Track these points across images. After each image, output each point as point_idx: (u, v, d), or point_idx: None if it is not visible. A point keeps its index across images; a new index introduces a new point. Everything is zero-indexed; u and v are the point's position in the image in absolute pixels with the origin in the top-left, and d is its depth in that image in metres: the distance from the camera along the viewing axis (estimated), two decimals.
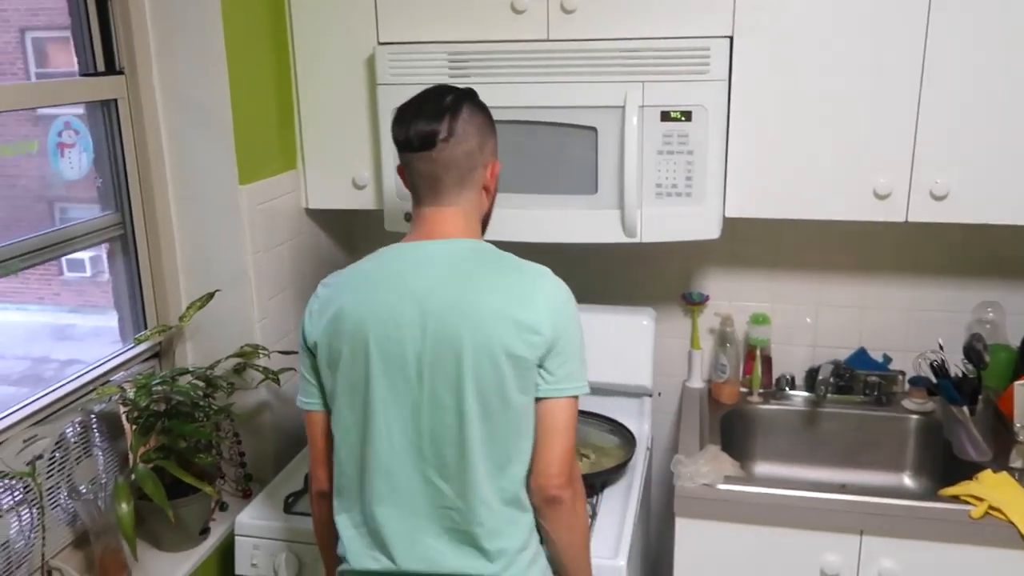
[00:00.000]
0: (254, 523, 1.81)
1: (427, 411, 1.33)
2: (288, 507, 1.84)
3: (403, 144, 1.38)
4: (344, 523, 1.41)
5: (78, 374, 1.78)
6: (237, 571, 1.81)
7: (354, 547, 1.40)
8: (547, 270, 1.40)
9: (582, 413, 1.98)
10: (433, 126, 1.35)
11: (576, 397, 1.37)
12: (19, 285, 1.79)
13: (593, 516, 1.79)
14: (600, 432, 2.10)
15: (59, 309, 2.66)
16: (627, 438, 2.05)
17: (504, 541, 1.35)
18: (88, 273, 2.08)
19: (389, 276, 1.37)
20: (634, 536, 1.76)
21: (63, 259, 1.96)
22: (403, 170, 1.43)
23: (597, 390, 1.97)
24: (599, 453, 2.02)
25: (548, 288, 1.37)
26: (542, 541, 1.43)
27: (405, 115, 1.39)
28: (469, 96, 1.44)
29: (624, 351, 2.14)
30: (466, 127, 1.37)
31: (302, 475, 1.93)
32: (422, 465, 1.35)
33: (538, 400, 1.35)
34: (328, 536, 1.48)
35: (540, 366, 1.33)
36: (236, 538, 1.81)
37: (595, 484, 1.88)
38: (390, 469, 1.35)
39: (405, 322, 1.32)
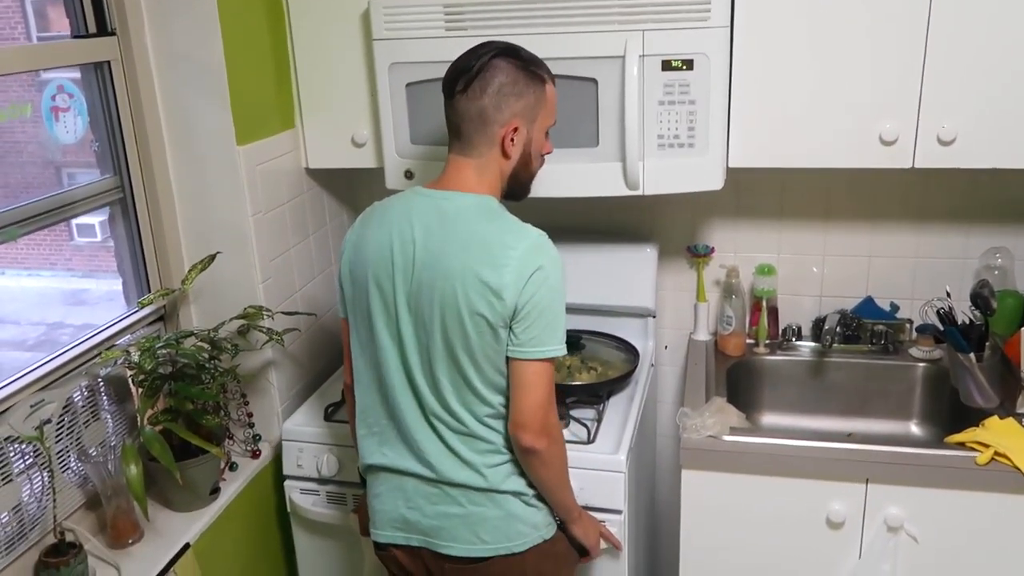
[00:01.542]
0: (299, 429, 2.00)
1: (408, 344, 1.49)
2: (328, 416, 2.03)
3: (442, 88, 1.51)
4: (361, 426, 1.60)
5: (83, 339, 1.79)
6: (285, 471, 2.01)
7: (366, 445, 1.59)
8: (537, 236, 1.47)
9: (592, 333, 2.26)
10: (457, 77, 1.48)
11: (544, 360, 1.45)
12: (30, 251, 1.79)
13: (599, 420, 1.94)
14: (607, 348, 2.24)
15: (71, 274, 2.67)
16: (632, 353, 2.18)
17: (482, 457, 1.51)
18: (99, 238, 2.08)
19: (398, 220, 1.50)
20: (635, 438, 1.91)
21: (73, 224, 1.96)
22: None
23: (605, 312, 2.28)
24: (605, 366, 2.14)
25: (524, 254, 1.42)
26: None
27: (453, 63, 1.51)
28: (504, 53, 1.49)
29: (629, 277, 2.25)
30: (483, 84, 1.46)
31: (339, 389, 2.11)
32: (412, 393, 1.52)
33: (508, 357, 1.46)
34: (356, 423, 1.64)
35: (509, 327, 1.44)
36: (283, 443, 2.00)
37: (601, 393, 2.03)
38: (392, 385, 1.52)
39: (397, 265, 1.47)
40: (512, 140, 1.49)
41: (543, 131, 1.56)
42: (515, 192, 1.59)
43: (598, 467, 1.81)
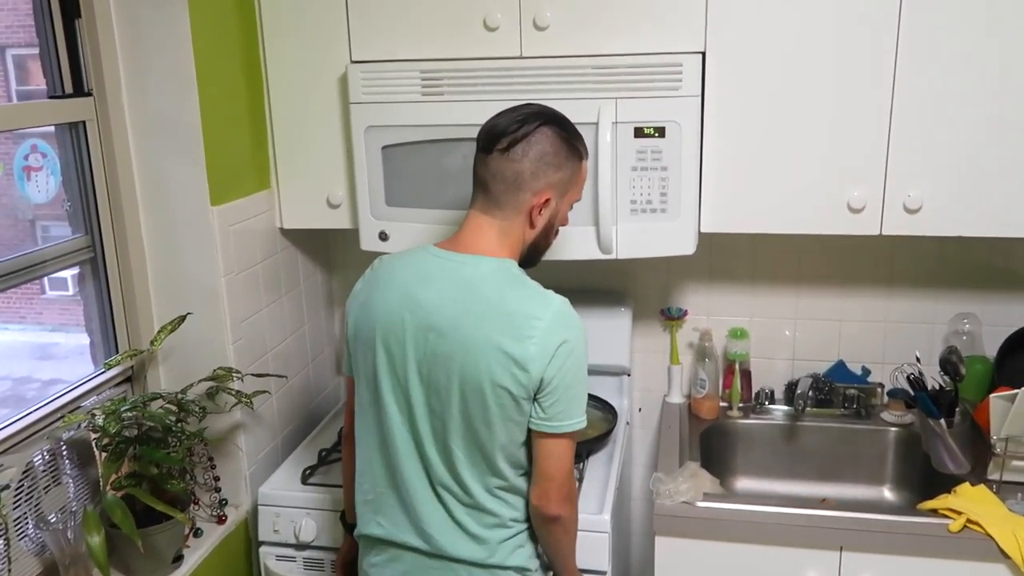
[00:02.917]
0: (276, 493, 1.97)
1: (419, 411, 1.44)
2: (305, 479, 2.01)
3: (477, 140, 1.48)
4: (357, 491, 1.56)
5: (46, 400, 1.75)
6: (260, 537, 1.98)
7: (362, 513, 1.55)
8: (561, 305, 1.43)
9: None
10: (498, 135, 1.45)
11: (571, 433, 1.44)
12: (0, 304, 1.76)
13: (580, 480, 1.94)
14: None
15: (41, 328, 2.62)
16: (609, 411, 2.19)
17: (488, 531, 1.47)
18: (70, 292, 2.06)
19: (410, 281, 1.46)
20: (616, 497, 1.92)
21: (45, 278, 1.94)
22: None
23: None
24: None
25: (550, 325, 1.39)
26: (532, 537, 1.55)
27: (494, 117, 1.49)
28: (552, 121, 1.47)
29: (604, 337, 2.24)
30: (526, 148, 1.44)
31: (317, 450, 2.13)
32: (419, 462, 1.47)
33: (531, 430, 1.43)
34: (350, 473, 1.62)
35: (534, 399, 1.41)
36: (259, 507, 1.97)
37: (581, 452, 2.03)
38: (397, 452, 1.47)
39: (409, 330, 1.42)
40: (541, 211, 1.47)
41: (569, 205, 1.55)
42: (529, 260, 1.55)
43: (582, 527, 1.75)
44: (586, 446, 2.04)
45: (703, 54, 1.82)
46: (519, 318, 1.38)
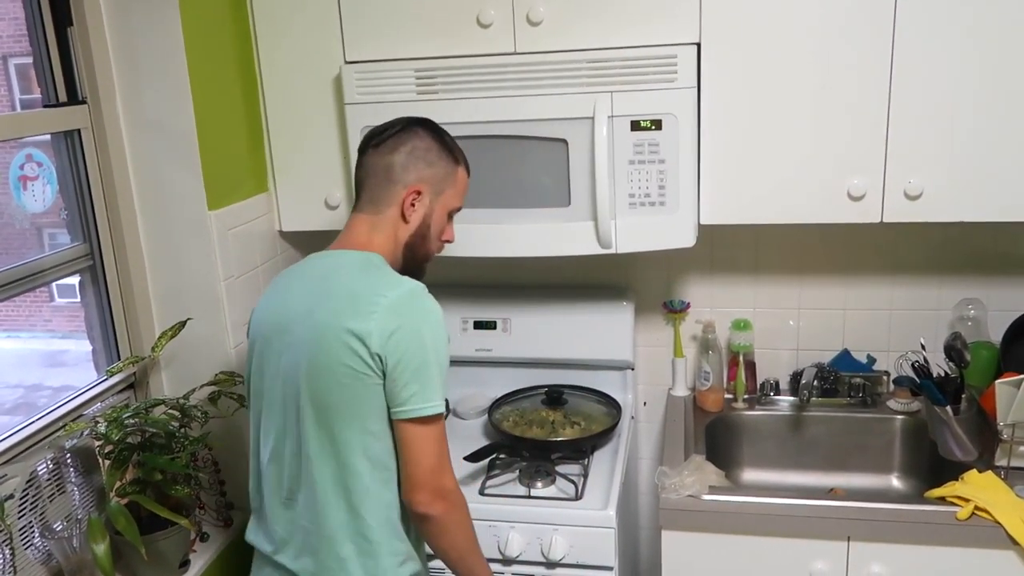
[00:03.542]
0: None
1: (281, 429, 1.47)
2: None
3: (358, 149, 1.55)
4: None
5: (49, 409, 1.75)
6: None
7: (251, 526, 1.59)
8: (412, 286, 1.43)
9: (574, 388, 2.23)
10: (375, 134, 1.52)
11: (425, 418, 1.39)
12: (9, 312, 1.77)
13: (585, 476, 1.93)
14: (588, 403, 2.23)
15: (51, 335, 2.63)
16: (614, 407, 2.19)
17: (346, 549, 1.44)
18: (79, 299, 2.06)
19: (286, 282, 1.53)
20: (622, 492, 1.92)
21: (53, 285, 1.94)
22: None
23: (583, 366, 2.26)
24: (588, 420, 2.13)
25: (394, 303, 1.38)
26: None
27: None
28: (422, 123, 1.54)
29: (607, 332, 2.24)
30: (398, 144, 1.50)
31: None
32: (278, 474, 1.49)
33: (391, 420, 1.41)
34: None
35: (384, 385, 1.39)
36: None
37: (585, 448, 2.04)
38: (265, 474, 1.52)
39: (276, 330, 1.47)
40: (413, 204, 1.49)
41: (446, 210, 1.56)
42: (412, 269, 1.54)
43: (587, 523, 1.80)
44: (591, 441, 2.04)
45: (698, 45, 1.80)
46: (364, 297, 1.39)
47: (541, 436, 2.06)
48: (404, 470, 1.42)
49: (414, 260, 1.54)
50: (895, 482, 2.14)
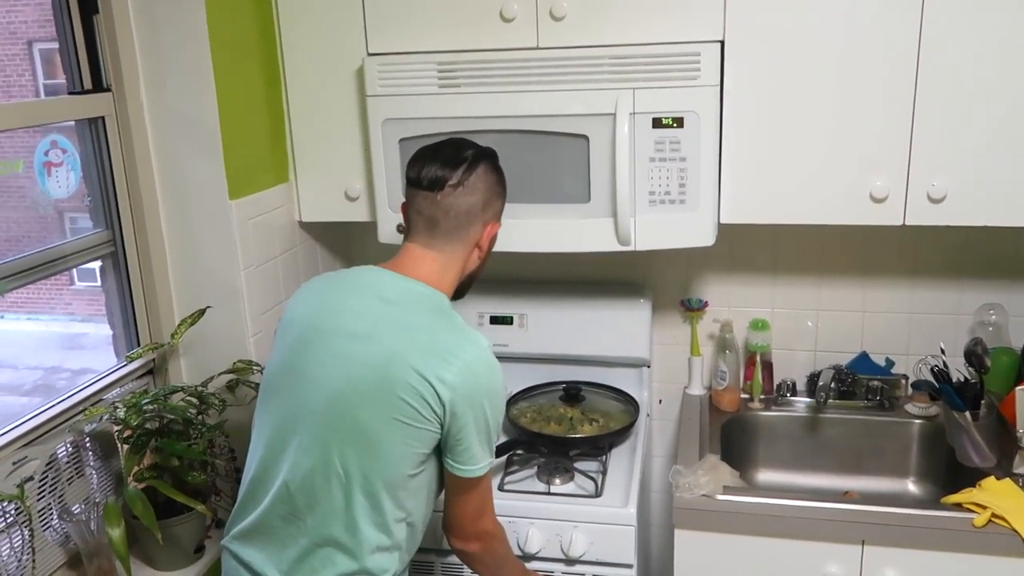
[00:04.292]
0: None
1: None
2: None
3: (413, 181, 1.48)
4: None
5: (69, 393, 1.77)
6: None
7: None
8: (484, 345, 1.41)
9: (591, 385, 2.25)
10: (446, 171, 1.45)
11: (473, 479, 1.43)
12: (31, 295, 1.79)
13: (604, 472, 1.95)
14: (605, 400, 2.24)
15: (71, 318, 2.66)
16: (631, 404, 2.19)
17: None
18: (99, 283, 2.08)
19: (339, 295, 1.47)
20: (641, 488, 1.94)
21: (74, 269, 1.97)
22: (406, 206, 1.51)
23: (600, 362, 2.26)
24: (606, 418, 2.14)
25: (474, 360, 1.37)
26: None
27: (423, 155, 1.49)
28: (488, 156, 1.52)
29: (623, 329, 2.24)
30: (477, 182, 1.47)
31: None
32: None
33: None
34: None
35: (441, 435, 1.39)
36: None
37: (603, 445, 2.05)
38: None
39: (320, 336, 1.42)
40: (487, 237, 1.51)
41: (498, 229, 1.57)
42: (461, 290, 1.55)
43: (608, 521, 1.81)
44: (609, 439, 2.05)
45: (722, 43, 1.79)
46: (446, 347, 1.36)
47: (559, 433, 2.06)
48: (446, 510, 1.49)
49: (470, 281, 1.57)
50: (911, 487, 2.13)
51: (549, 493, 1.90)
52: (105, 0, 1.78)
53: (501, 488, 1.91)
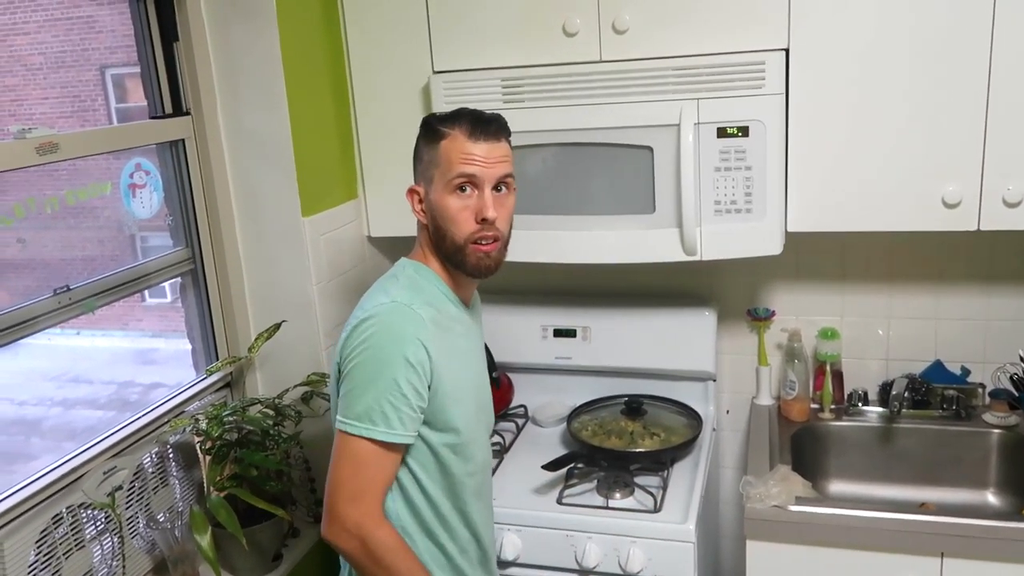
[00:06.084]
0: None
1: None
2: None
3: None
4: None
5: (154, 406, 1.84)
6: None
7: None
8: (388, 301, 1.37)
9: (653, 398, 2.23)
10: None
11: (345, 434, 1.32)
12: (104, 312, 1.87)
13: (664, 488, 1.92)
14: (669, 413, 2.21)
15: (142, 334, 2.76)
16: (694, 418, 2.16)
17: None
18: (168, 299, 2.15)
19: None
20: (702, 505, 1.89)
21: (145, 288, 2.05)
22: None
23: (665, 376, 2.25)
24: (668, 432, 2.11)
25: (364, 311, 1.38)
26: None
27: None
28: (424, 120, 1.48)
29: (688, 341, 2.23)
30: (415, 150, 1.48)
31: None
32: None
33: None
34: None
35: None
36: None
37: (664, 460, 2.02)
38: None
39: None
40: (415, 207, 1.46)
41: (447, 189, 1.39)
42: (458, 262, 1.43)
43: (666, 537, 1.79)
44: (670, 454, 2.03)
45: (786, 51, 1.79)
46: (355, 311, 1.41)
47: (620, 446, 2.05)
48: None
49: (449, 254, 1.42)
50: (991, 498, 2.07)
51: (608, 507, 1.87)
52: (185, 28, 1.86)
53: (559, 501, 1.90)
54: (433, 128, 1.43)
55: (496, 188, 1.41)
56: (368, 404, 1.31)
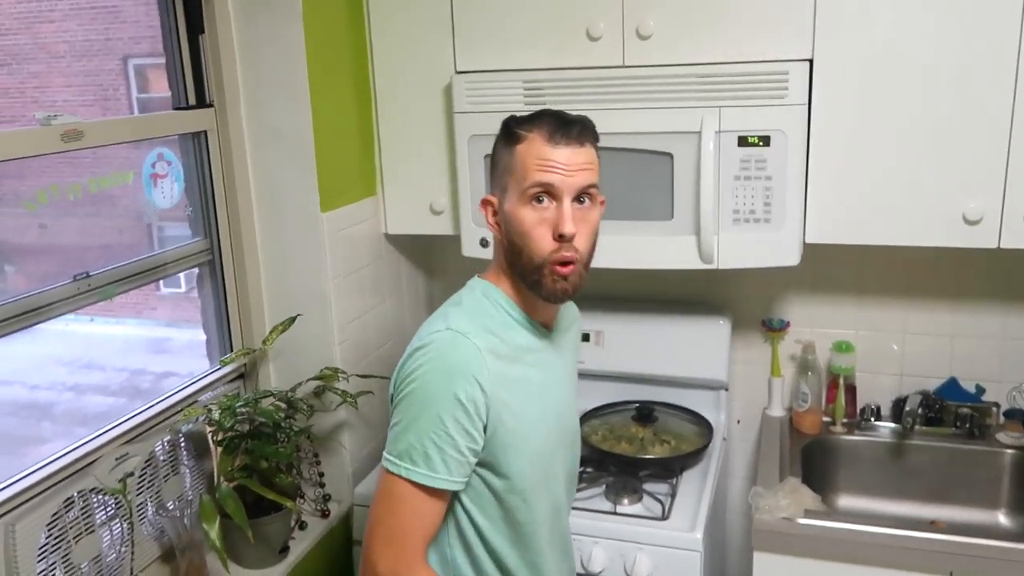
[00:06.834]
0: (371, 494, 1.90)
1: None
2: None
3: None
4: None
5: (168, 394, 1.85)
6: (355, 537, 2.01)
7: None
8: (434, 329, 1.25)
9: (664, 405, 2.22)
10: None
11: (387, 472, 1.23)
12: (120, 299, 1.89)
13: (673, 495, 1.91)
14: (679, 421, 2.21)
15: (156, 323, 2.78)
16: (705, 426, 2.16)
17: None
18: (183, 289, 2.16)
19: None
20: (709, 514, 1.88)
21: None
22: None
23: (676, 383, 2.24)
24: (678, 440, 2.12)
25: (416, 343, 1.26)
26: None
27: None
28: (503, 123, 1.32)
29: (701, 349, 2.22)
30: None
31: None
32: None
33: None
34: None
35: None
36: (355, 508, 2.03)
37: (674, 468, 2.02)
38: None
39: None
40: (488, 220, 1.31)
41: (521, 200, 1.24)
42: (534, 283, 1.27)
43: (673, 545, 1.79)
44: (680, 461, 2.02)
45: (810, 61, 1.78)
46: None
47: (629, 452, 2.05)
48: None
49: (525, 274, 1.27)
50: (1002, 519, 2.05)
51: (615, 513, 1.87)
52: (211, 20, 1.87)
53: None
54: (510, 130, 1.28)
55: (578, 200, 1.25)
56: (410, 442, 1.20)
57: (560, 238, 1.23)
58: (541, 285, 1.26)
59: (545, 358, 1.35)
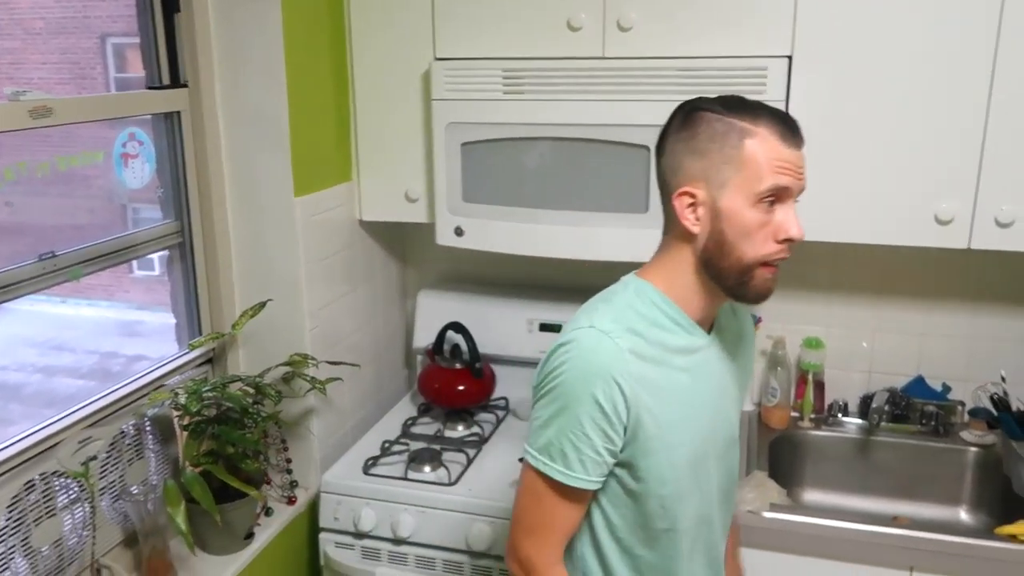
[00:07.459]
0: (339, 482, 1.97)
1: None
2: (367, 469, 2.00)
3: None
4: None
5: (133, 377, 1.83)
6: (321, 524, 1.99)
7: None
8: (582, 327, 1.20)
9: None
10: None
11: (526, 463, 1.23)
12: (92, 281, 1.86)
13: None
14: None
15: (128, 306, 2.74)
16: None
17: None
18: (156, 272, 2.14)
19: None
20: None
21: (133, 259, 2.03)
22: None
23: None
24: None
25: (561, 338, 1.22)
26: None
27: None
28: (696, 106, 1.20)
29: None
30: (673, 142, 1.20)
31: (380, 441, 2.13)
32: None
33: None
34: None
35: None
36: (321, 495, 1.99)
37: None
38: None
39: None
40: (686, 213, 1.18)
41: (746, 200, 1.15)
42: (732, 287, 1.21)
43: None
44: None
45: (789, 58, 1.79)
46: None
47: None
48: None
49: (728, 274, 1.19)
50: (963, 515, 2.09)
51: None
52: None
53: None
54: (725, 119, 1.15)
55: None
56: (549, 439, 1.18)
57: (787, 241, 1.20)
58: (748, 286, 1.20)
59: (702, 360, 1.27)
